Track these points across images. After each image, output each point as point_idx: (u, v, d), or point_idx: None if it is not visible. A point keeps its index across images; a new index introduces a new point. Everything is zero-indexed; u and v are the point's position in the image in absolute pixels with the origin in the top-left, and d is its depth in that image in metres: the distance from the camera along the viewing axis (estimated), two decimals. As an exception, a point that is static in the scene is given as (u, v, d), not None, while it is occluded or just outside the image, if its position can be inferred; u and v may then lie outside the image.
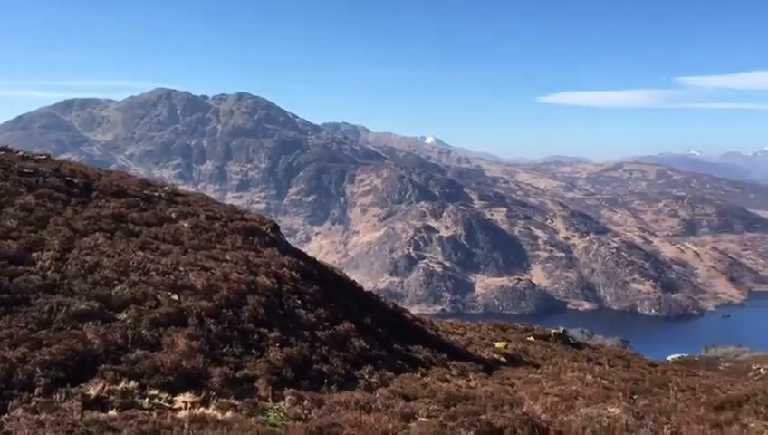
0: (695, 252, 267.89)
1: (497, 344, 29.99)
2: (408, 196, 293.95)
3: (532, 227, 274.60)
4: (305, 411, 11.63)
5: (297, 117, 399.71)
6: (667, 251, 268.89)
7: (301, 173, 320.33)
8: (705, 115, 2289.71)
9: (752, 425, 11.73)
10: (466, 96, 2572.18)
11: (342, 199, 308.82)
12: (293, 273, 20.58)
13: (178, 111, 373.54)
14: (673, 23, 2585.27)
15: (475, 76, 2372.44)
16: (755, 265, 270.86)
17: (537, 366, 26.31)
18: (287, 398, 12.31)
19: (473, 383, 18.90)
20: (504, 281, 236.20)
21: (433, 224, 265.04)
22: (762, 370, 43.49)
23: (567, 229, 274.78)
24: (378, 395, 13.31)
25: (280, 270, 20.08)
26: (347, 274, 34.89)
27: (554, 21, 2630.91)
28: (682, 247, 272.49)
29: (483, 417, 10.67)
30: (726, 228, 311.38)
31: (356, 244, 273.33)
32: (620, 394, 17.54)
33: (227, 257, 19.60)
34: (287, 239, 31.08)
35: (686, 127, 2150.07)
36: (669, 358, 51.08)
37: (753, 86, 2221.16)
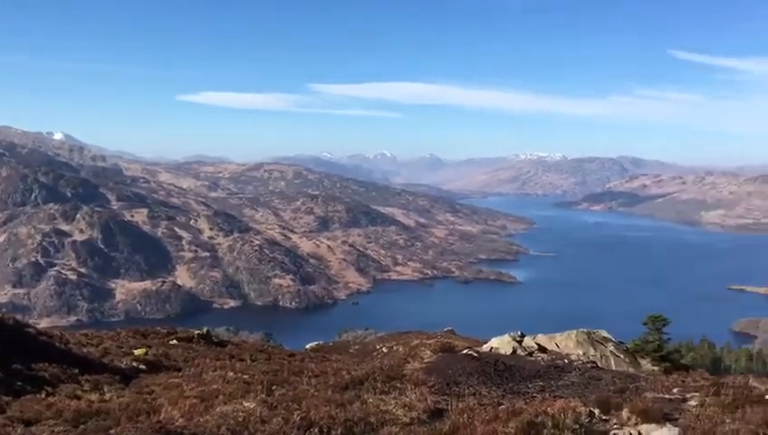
0: (328, 246, 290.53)
1: (136, 352, 28.60)
2: (33, 197, 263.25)
3: (175, 228, 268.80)
4: None
5: None
6: (305, 246, 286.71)
7: None
8: (334, 120, 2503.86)
9: (370, 400, 13.10)
10: (102, 91, 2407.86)
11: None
12: None
13: None
14: (306, 30, 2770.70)
15: (111, 70, 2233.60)
16: (378, 255, 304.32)
17: (179, 370, 25.77)
18: None
19: (107, 396, 17.70)
20: (147, 285, 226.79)
21: (65, 228, 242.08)
22: (384, 348, 48.88)
23: (211, 229, 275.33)
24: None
25: None
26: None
27: (195, 21, 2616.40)
28: (317, 242, 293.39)
29: (112, 432, 9.99)
30: (354, 224, 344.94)
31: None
32: (260, 387, 18.06)
33: None
34: None
35: (318, 130, 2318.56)
36: (308, 346, 54.36)
37: (376, 95, 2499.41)
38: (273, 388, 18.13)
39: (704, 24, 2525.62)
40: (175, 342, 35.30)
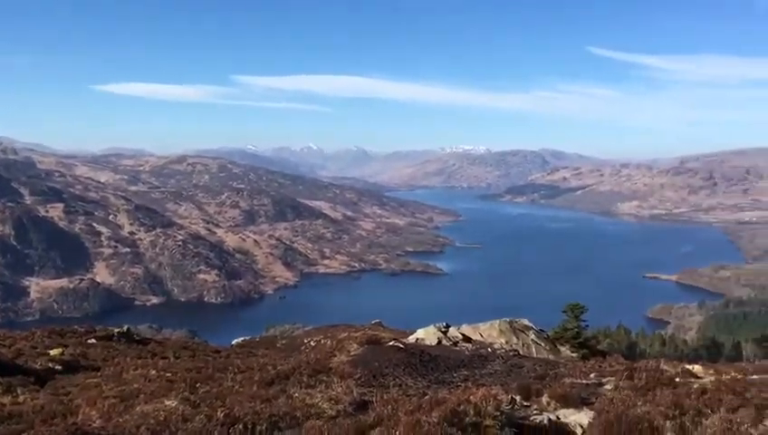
0: (254, 240, 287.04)
1: (52, 352, 27.47)
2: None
3: (94, 224, 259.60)
4: None
5: None
6: (230, 241, 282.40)
7: None
8: (258, 112, 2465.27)
9: (296, 395, 13.04)
10: (10, 81, 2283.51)
11: None
12: None
13: None
14: (229, 21, 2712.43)
15: (19, 60, 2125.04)
16: (305, 249, 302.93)
17: (98, 369, 24.93)
18: None
19: (21, 399, 16.97)
20: (64, 282, 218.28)
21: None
22: (312, 342, 48.73)
23: (132, 224, 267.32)
24: None
25: None
26: None
27: (112, 8, 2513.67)
28: (243, 237, 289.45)
29: (25, 436, 9.59)
30: (281, 217, 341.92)
31: None
32: (183, 385, 17.71)
33: None
34: None
35: (243, 122, 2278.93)
36: (234, 342, 53.61)
37: (300, 88, 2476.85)
38: (197, 385, 17.81)
39: (620, 22, 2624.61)
40: (93, 341, 34.10)
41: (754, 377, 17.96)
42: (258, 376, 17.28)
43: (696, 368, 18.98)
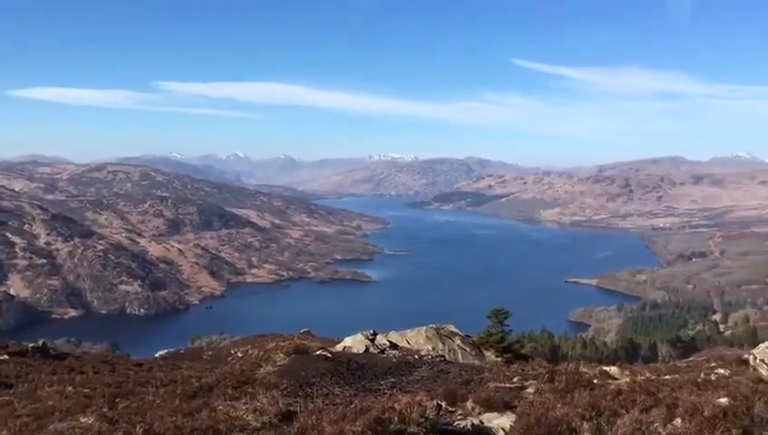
0: (179, 250, 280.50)
1: (-40, 370, 26.04)
2: None
3: (8, 234, 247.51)
4: None
5: None
6: (154, 250, 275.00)
7: None
8: (183, 119, 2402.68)
9: (220, 407, 12.80)
10: None
11: None
12: None
13: None
14: (150, 26, 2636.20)
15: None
16: (232, 258, 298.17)
17: (10, 386, 23.79)
18: None
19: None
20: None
21: None
22: (239, 353, 47.93)
23: (49, 234, 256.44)
24: None
25: None
26: None
27: (28, 11, 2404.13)
28: (168, 246, 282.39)
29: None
30: (207, 226, 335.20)
31: None
32: (102, 400, 17.12)
33: None
34: None
35: (167, 129, 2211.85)
36: (157, 354, 52.14)
37: (227, 95, 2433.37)
38: (117, 401, 17.26)
39: (543, 36, 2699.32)
40: (6, 357, 32.51)
41: (667, 377, 18.77)
42: (181, 389, 16.88)
43: (613, 369, 19.69)
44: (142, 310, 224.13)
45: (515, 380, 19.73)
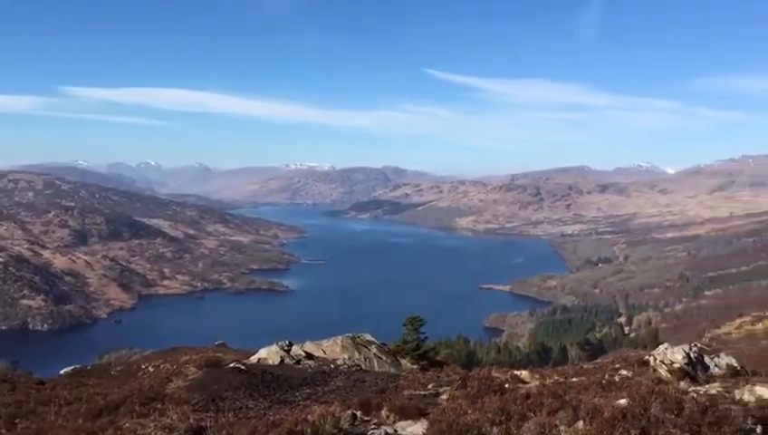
0: (86, 261, 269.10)
1: None
2: None
3: None
4: None
5: None
6: (58, 263, 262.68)
7: None
8: (90, 126, 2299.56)
9: (126, 425, 12.35)
10: None
11: None
12: None
13: None
14: (52, 28, 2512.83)
15: None
16: (143, 269, 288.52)
17: None
18: None
19: None
20: None
21: None
22: (150, 368, 46.36)
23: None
24: None
25: None
26: None
27: None
28: (73, 258, 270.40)
29: None
30: (116, 237, 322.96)
31: None
32: (0, 422, 16.24)
33: None
34: None
35: (73, 137, 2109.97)
36: (62, 372, 49.73)
37: (137, 101, 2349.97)
38: (16, 421, 16.41)
39: (455, 47, 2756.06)
40: None
41: (574, 380, 19.48)
42: (85, 408, 16.18)
43: (524, 373, 20.27)
44: (46, 325, 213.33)
45: (430, 386, 20.00)
